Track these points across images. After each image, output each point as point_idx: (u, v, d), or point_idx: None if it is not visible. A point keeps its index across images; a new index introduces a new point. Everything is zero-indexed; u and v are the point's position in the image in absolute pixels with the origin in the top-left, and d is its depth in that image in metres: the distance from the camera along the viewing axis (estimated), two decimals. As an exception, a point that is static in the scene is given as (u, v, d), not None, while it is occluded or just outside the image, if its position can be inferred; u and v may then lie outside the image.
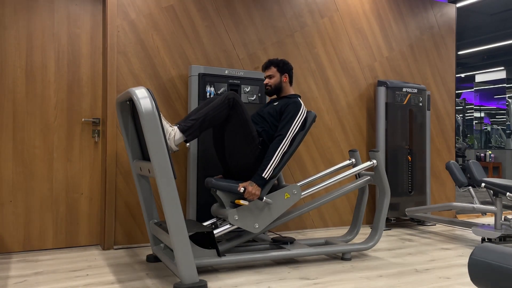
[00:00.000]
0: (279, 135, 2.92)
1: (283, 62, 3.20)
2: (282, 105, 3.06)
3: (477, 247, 1.41)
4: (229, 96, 2.75)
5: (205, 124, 2.72)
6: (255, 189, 2.78)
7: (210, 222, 3.12)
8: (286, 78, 3.20)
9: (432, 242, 3.81)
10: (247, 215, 2.83)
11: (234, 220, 2.79)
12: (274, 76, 3.18)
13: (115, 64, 3.42)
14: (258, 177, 2.82)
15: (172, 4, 3.64)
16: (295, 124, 2.96)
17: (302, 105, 3.06)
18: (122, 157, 3.46)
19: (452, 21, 5.06)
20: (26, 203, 3.31)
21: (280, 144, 2.88)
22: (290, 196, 2.96)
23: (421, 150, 4.56)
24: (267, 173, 2.82)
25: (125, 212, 3.47)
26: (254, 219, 2.85)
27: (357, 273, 2.84)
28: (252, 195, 2.77)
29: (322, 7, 4.29)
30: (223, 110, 2.74)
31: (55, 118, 3.41)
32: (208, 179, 2.90)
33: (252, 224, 2.84)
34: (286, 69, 3.20)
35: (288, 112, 2.99)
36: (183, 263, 2.38)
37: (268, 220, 2.89)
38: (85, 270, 2.84)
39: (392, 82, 4.42)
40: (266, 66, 3.22)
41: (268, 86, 3.20)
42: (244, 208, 2.82)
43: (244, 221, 2.81)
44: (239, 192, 2.78)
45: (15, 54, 3.29)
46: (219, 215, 2.95)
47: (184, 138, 2.66)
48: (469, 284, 2.62)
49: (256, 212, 2.85)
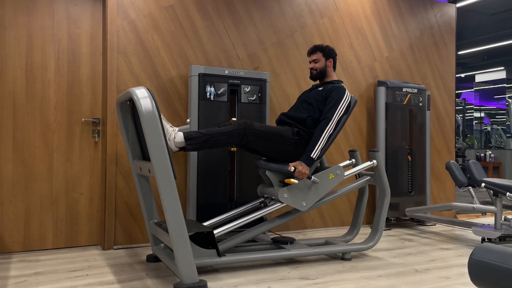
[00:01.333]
0: (325, 118, 3.04)
1: (328, 48, 3.31)
2: (327, 90, 3.16)
3: (477, 247, 1.41)
4: (240, 127, 2.82)
5: (208, 143, 2.76)
6: (304, 168, 2.89)
7: (210, 222, 3.12)
8: (331, 63, 3.30)
9: (432, 242, 3.81)
10: (296, 193, 2.96)
11: (283, 198, 2.92)
12: (319, 61, 3.28)
13: (115, 64, 3.42)
14: (307, 157, 2.93)
15: (172, 4, 3.64)
16: (340, 107, 3.08)
17: (347, 90, 3.17)
18: (122, 157, 3.46)
19: (452, 21, 5.06)
20: (26, 203, 3.31)
21: (326, 126, 3.00)
22: (335, 176, 3.08)
23: (421, 150, 4.56)
24: (315, 153, 2.94)
25: (125, 212, 3.47)
26: (302, 197, 2.98)
27: (357, 273, 2.84)
28: (302, 174, 2.89)
29: (322, 7, 4.29)
30: (233, 138, 2.81)
31: (55, 118, 3.41)
32: (257, 161, 3.12)
33: (300, 202, 2.97)
34: (331, 55, 3.30)
35: (333, 96, 3.10)
36: (183, 263, 2.38)
37: (315, 199, 3.02)
38: (85, 270, 2.84)
39: (392, 82, 4.42)
40: (312, 51, 3.32)
41: (314, 70, 3.30)
42: (293, 187, 2.95)
43: (293, 199, 2.95)
44: (289, 171, 2.89)
45: (15, 54, 3.29)
46: (267, 194, 3.09)
47: (184, 145, 2.68)
48: (469, 284, 2.62)
49: (305, 190, 2.99)
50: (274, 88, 4.04)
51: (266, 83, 3.69)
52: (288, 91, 4.10)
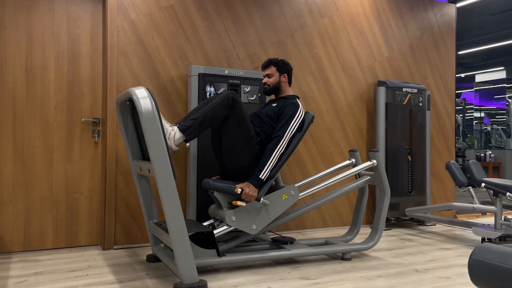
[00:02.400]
0: (277, 136, 2.91)
1: (282, 62, 3.18)
2: (280, 106, 3.05)
3: (477, 247, 1.41)
4: (228, 96, 2.75)
5: (204, 124, 2.71)
6: (252, 191, 2.76)
7: (210, 222, 3.12)
8: (285, 78, 3.18)
9: (432, 242, 3.81)
10: (245, 216, 2.82)
11: (231, 221, 2.78)
12: (273, 76, 3.16)
13: (115, 64, 3.42)
14: (255, 178, 2.80)
15: (172, 4, 3.64)
16: (292, 125, 2.95)
17: (300, 107, 3.05)
18: (122, 157, 3.46)
19: (452, 21, 5.06)
20: (26, 203, 3.31)
21: (277, 145, 2.87)
22: (288, 197, 2.95)
23: (421, 150, 4.56)
24: (264, 174, 2.81)
25: (125, 212, 3.47)
26: (251, 220, 2.84)
27: (357, 273, 2.84)
28: (249, 196, 2.76)
29: (322, 7, 4.29)
30: (223, 109, 2.73)
31: (55, 118, 3.41)
32: (205, 180, 2.90)
33: (250, 225, 2.83)
34: (286, 69, 3.18)
35: (286, 113, 2.98)
36: (183, 263, 2.38)
37: (266, 221, 2.88)
38: (85, 270, 2.84)
39: (392, 82, 4.42)
40: (266, 65, 3.20)
41: (267, 85, 3.18)
42: (241, 209, 2.81)
43: (241, 222, 2.81)
44: (236, 193, 2.77)
45: (15, 54, 3.29)
46: (217, 216, 2.94)
47: (184, 137, 2.66)
48: (469, 284, 2.62)
49: (254, 213, 2.84)
50: (274, 88, 4.04)
51: (266, 83, 3.69)
52: (288, 91, 4.10)
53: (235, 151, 2.89)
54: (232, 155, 2.91)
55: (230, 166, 2.96)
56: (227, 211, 2.80)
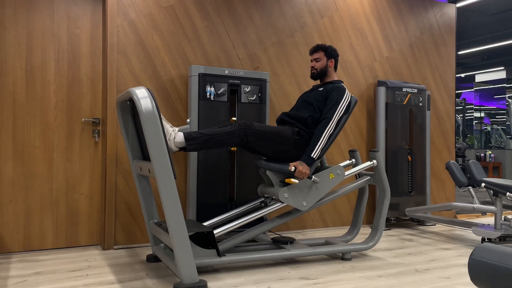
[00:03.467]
0: (325, 118, 3.03)
1: (331, 47, 3.30)
2: (328, 90, 3.16)
3: (477, 247, 1.41)
4: (240, 127, 2.83)
5: (208, 143, 2.76)
6: (305, 168, 2.90)
7: (210, 222, 3.12)
8: (332, 63, 3.29)
9: (432, 242, 3.81)
10: (297, 193, 2.96)
11: (284, 198, 2.92)
12: (320, 60, 3.27)
13: (115, 64, 3.42)
14: (307, 157, 2.93)
15: (172, 4, 3.64)
16: (340, 107, 3.07)
17: (347, 90, 3.16)
18: (122, 157, 3.46)
19: (452, 21, 5.06)
20: (26, 203, 3.31)
21: (326, 126, 3.00)
22: (335, 176, 3.09)
23: (421, 150, 4.56)
24: (315, 153, 2.94)
25: (125, 212, 3.47)
26: (303, 197, 2.98)
27: (357, 273, 2.84)
28: (302, 173, 2.89)
29: (322, 7, 4.29)
30: (233, 139, 2.82)
31: (55, 118, 3.41)
32: (257, 161, 3.11)
33: (301, 202, 2.98)
34: (333, 55, 3.29)
35: (333, 96, 3.10)
36: (183, 263, 2.38)
37: (316, 198, 3.02)
38: (85, 270, 2.84)
39: (392, 82, 4.42)
40: (314, 50, 3.31)
41: (314, 70, 3.30)
42: (293, 186, 2.96)
43: (293, 198, 2.95)
44: (289, 171, 2.89)
45: (15, 54, 3.29)
46: (267, 194, 3.09)
47: (184, 145, 2.68)
48: (469, 284, 2.62)
49: (305, 190, 2.99)
50: (274, 88, 4.04)
51: (266, 83, 3.69)
52: (288, 91, 4.10)
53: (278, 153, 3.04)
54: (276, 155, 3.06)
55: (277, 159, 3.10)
56: (280, 188, 2.94)
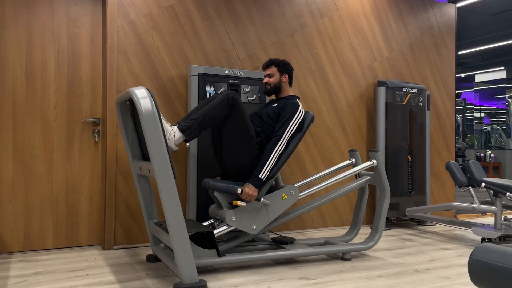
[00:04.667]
0: (276, 135, 2.92)
1: (283, 62, 3.20)
2: (280, 106, 3.06)
3: (477, 247, 1.41)
4: (228, 95, 2.76)
5: (204, 124, 2.72)
6: (252, 190, 2.76)
7: (210, 222, 3.12)
8: (286, 78, 3.19)
9: (432, 242, 3.81)
10: (245, 216, 2.82)
11: (231, 221, 2.78)
12: (274, 75, 3.17)
13: (115, 64, 3.42)
14: (255, 178, 2.80)
15: (172, 4, 3.64)
16: (292, 125, 2.96)
17: (300, 106, 3.06)
18: (122, 157, 3.46)
19: (452, 21, 5.06)
20: (26, 203, 3.31)
21: (276, 144, 2.88)
22: (288, 197, 2.95)
23: (421, 150, 4.56)
24: (263, 174, 2.81)
25: (125, 212, 3.47)
26: (251, 220, 2.84)
27: (357, 273, 2.84)
28: (249, 196, 2.75)
29: (322, 7, 4.29)
30: (223, 109, 2.74)
31: (55, 118, 3.41)
32: (205, 180, 2.90)
33: (250, 225, 2.83)
34: (286, 70, 3.19)
35: (285, 113, 2.99)
36: (183, 263, 2.38)
37: (266, 221, 2.88)
38: (85, 270, 2.84)
39: (392, 82, 4.42)
40: (267, 65, 3.22)
41: (268, 85, 3.19)
42: (241, 209, 2.81)
43: (241, 222, 2.80)
44: (236, 193, 2.76)
45: (15, 54, 3.29)
46: (217, 216, 2.94)
47: (183, 137, 2.66)
48: (469, 284, 2.62)
49: (254, 213, 2.84)
50: (274, 88, 4.04)
51: (266, 83, 3.69)
52: (288, 91, 4.10)
53: (235, 151, 2.89)
54: (232, 155, 2.91)
55: (230, 166, 2.96)
56: (227, 211, 2.80)
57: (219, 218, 2.92)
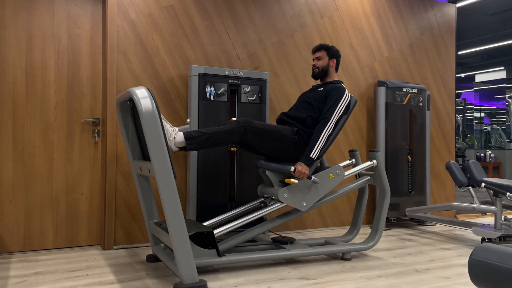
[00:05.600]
0: (324, 117, 3.04)
1: (333, 48, 3.31)
2: (327, 90, 3.17)
3: (477, 247, 1.41)
4: (240, 125, 2.83)
5: (209, 142, 2.76)
6: (304, 168, 2.89)
7: (210, 222, 3.12)
8: (334, 63, 3.30)
9: (432, 242, 3.81)
10: (296, 193, 2.96)
11: (284, 198, 2.92)
12: (322, 59, 3.28)
13: (115, 64, 3.42)
14: (306, 157, 2.94)
15: (172, 4, 3.64)
16: (339, 107, 3.08)
17: (346, 90, 3.17)
18: (122, 157, 3.46)
19: (452, 21, 5.06)
20: (26, 203, 3.31)
21: (325, 126, 3.01)
22: (335, 176, 3.08)
23: (421, 150, 4.56)
24: (314, 153, 2.94)
25: (125, 212, 3.47)
26: (302, 197, 2.98)
27: (357, 273, 2.84)
28: (301, 174, 2.88)
29: (322, 7, 4.29)
30: (233, 136, 2.82)
31: (55, 118, 3.41)
32: (258, 161, 3.14)
33: (300, 202, 2.97)
34: (335, 55, 3.31)
35: (332, 96, 3.11)
36: (183, 263, 2.38)
37: (315, 198, 3.02)
38: (85, 270, 2.84)
39: (392, 82, 4.42)
40: (317, 49, 3.32)
41: (316, 68, 3.30)
42: (293, 186, 2.95)
43: (293, 198, 2.95)
44: (289, 171, 2.88)
45: (15, 54, 3.29)
46: (267, 194, 3.09)
47: (184, 145, 2.68)
48: (469, 284, 2.62)
49: (305, 191, 2.99)
50: (274, 88, 4.04)
51: (266, 83, 3.69)
52: (288, 91, 4.10)
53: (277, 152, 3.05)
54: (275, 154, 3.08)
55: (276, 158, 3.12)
56: (280, 188, 2.94)
57: (269, 196, 3.10)
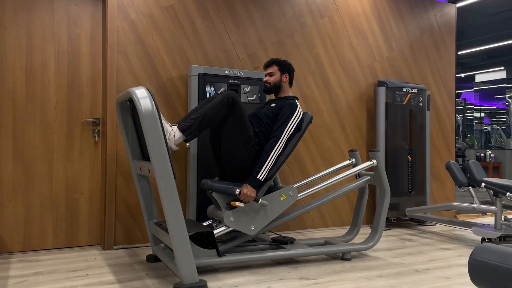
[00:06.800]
0: (274, 136, 2.91)
1: (285, 62, 3.20)
2: (279, 107, 3.05)
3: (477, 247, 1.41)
4: (228, 95, 2.76)
5: (204, 123, 2.72)
6: (250, 191, 2.76)
7: (210, 222, 3.12)
8: (286, 78, 3.19)
9: (432, 242, 3.81)
10: (243, 217, 2.81)
11: (229, 222, 2.77)
12: (274, 74, 3.17)
13: (115, 64, 3.42)
14: (253, 179, 2.80)
15: (172, 4, 3.64)
16: (290, 125, 2.95)
17: (299, 107, 3.05)
18: (122, 157, 3.46)
19: (452, 21, 5.06)
20: (26, 203, 3.31)
21: (275, 145, 2.87)
22: (287, 197, 2.94)
23: (421, 150, 4.56)
24: (262, 174, 2.80)
25: (125, 212, 3.47)
26: (249, 221, 2.83)
27: (357, 273, 2.84)
28: (247, 197, 2.75)
29: (322, 7, 4.29)
30: (223, 109, 2.74)
31: (55, 118, 3.41)
32: (204, 181, 2.89)
33: (248, 226, 2.83)
34: (287, 70, 3.19)
35: (283, 113, 2.98)
36: (183, 263, 2.38)
37: (264, 222, 2.88)
38: (85, 270, 2.84)
39: (392, 82, 4.42)
40: (268, 64, 3.22)
41: (268, 84, 3.19)
42: (239, 210, 2.80)
43: (239, 223, 2.80)
44: (234, 193, 2.76)
45: (15, 54, 3.29)
46: (215, 216, 2.94)
47: (183, 137, 2.67)
48: (469, 284, 2.62)
49: (252, 214, 2.84)
50: (274, 88, 4.04)
51: (266, 83, 3.69)
52: (288, 91, 4.10)
53: (234, 151, 2.88)
54: (230, 155, 2.90)
55: (228, 166, 2.96)
56: (226, 211, 2.79)
57: (218, 219, 2.91)
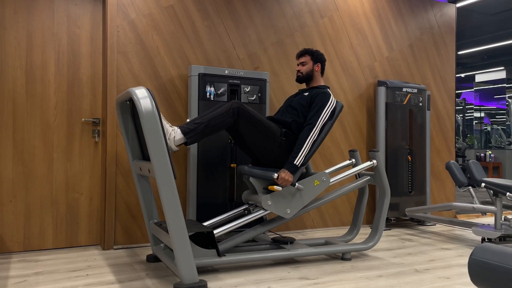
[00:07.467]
0: (309, 124, 3.01)
1: (317, 52, 3.28)
2: (312, 95, 3.14)
3: (477, 247, 1.41)
4: (233, 106, 2.82)
5: (207, 130, 2.76)
6: (288, 176, 2.86)
7: (210, 222, 3.12)
8: (318, 68, 3.27)
9: (432, 242, 3.81)
10: (280, 200, 2.93)
11: (267, 205, 2.89)
12: (307, 64, 3.25)
13: (115, 64, 3.42)
14: (290, 164, 2.91)
15: (172, 4, 3.64)
16: (324, 113, 3.05)
17: (332, 96, 3.14)
18: (122, 157, 3.46)
19: (452, 21, 5.06)
20: (26, 203, 3.31)
21: (310, 132, 2.98)
22: (320, 182, 3.05)
23: (421, 150, 4.56)
24: (298, 160, 2.91)
25: (125, 212, 3.47)
26: (286, 204, 2.95)
27: (357, 273, 2.84)
28: (285, 181, 2.85)
29: (322, 7, 4.29)
30: (227, 118, 2.80)
31: (55, 118, 3.41)
32: (240, 167, 3.09)
33: (284, 209, 2.94)
34: (320, 59, 3.27)
35: (317, 102, 3.08)
36: (183, 263, 2.38)
37: (300, 206, 2.99)
38: (85, 270, 2.84)
39: (392, 82, 4.42)
40: (301, 54, 3.29)
41: (300, 73, 3.27)
42: (276, 194, 2.92)
43: (277, 206, 2.92)
44: (272, 178, 2.86)
45: (15, 54, 3.29)
46: (251, 201, 3.05)
47: (184, 140, 2.68)
48: (469, 284, 2.62)
49: (289, 198, 2.95)
50: (274, 88, 4.04)
51: (266, 83, 3.69)
52: (288, 91, 4.10)
53: (263, 149, 3.01)
54: (260, 152, 3.03)
55: (260, 157, 3.08)
56: (263, 195, 2.90)
57: (253, 203, 3.04)
